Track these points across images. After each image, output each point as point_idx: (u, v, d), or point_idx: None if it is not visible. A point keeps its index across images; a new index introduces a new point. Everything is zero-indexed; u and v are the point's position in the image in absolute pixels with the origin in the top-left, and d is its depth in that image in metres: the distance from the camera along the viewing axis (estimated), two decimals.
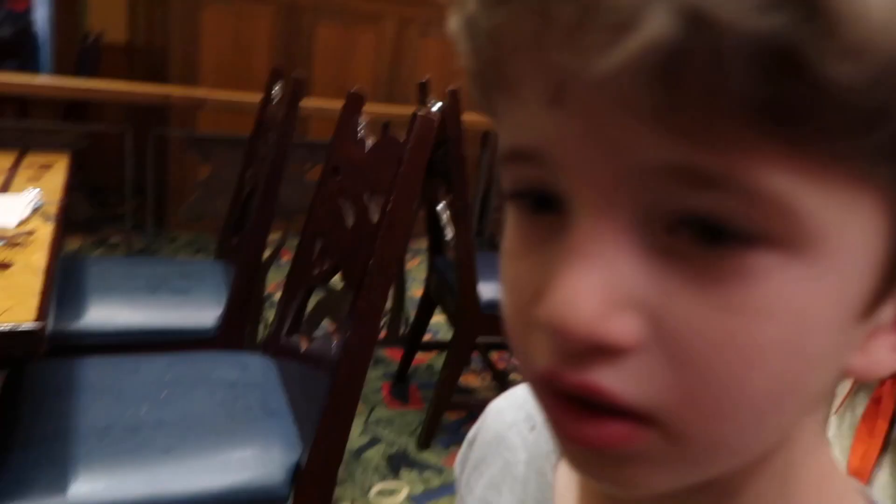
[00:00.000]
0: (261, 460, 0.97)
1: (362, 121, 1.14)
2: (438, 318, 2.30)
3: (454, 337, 1.90)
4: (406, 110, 2.25)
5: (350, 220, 1.06)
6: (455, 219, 1.78)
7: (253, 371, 1.21)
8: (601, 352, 0.21)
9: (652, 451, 0.22)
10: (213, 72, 3.37)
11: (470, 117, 2.54)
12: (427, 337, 2.38)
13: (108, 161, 2.63)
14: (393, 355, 2.38)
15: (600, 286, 0.20)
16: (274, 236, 2.04)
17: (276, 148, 1.48)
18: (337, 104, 1.80)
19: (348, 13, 3.55)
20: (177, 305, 1.48)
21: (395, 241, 0.88)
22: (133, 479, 0.89)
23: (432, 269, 2.13)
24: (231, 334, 1.47)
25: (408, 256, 2.91)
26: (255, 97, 1.84)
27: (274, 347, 1.32)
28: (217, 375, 1.17)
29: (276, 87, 1.66)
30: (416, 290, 2.60)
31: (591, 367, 0.21)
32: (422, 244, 2.65)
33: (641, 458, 0.22)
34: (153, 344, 1.37)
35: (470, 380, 2.37)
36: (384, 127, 1.23)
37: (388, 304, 2.45)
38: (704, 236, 0.20)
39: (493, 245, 3.02)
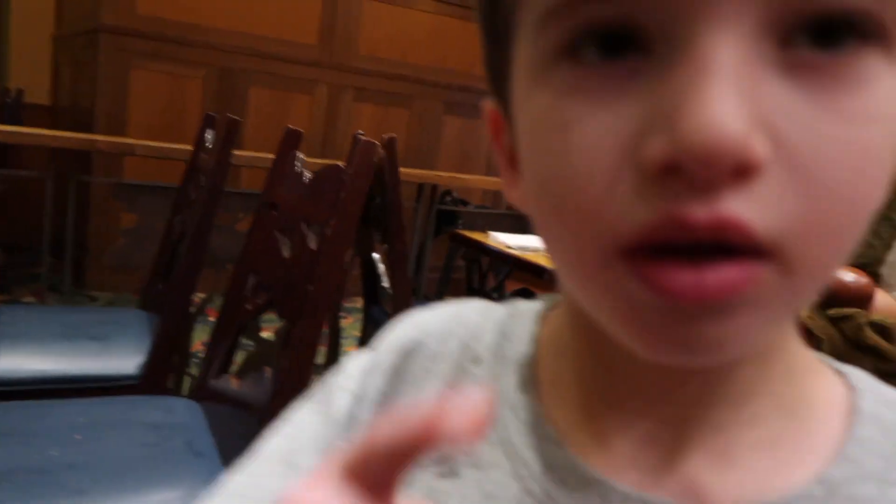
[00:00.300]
0: (186, 502, 0.90)
1: (300, 155, 1.15)
2: None
3: None
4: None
5: (287, 253, 1.05)
6: (391, 267, 1.78)
7: (179, 413, 1.14)
8: (737, 177, 0.20)
9: (766, 290, 0.22)
10: (143, 131, 3.32)
11: (405, 170, 2.59)
12: None
13: (26, 214, 2.51)
14: None
15: (741, 103, 0.20)
16: (202, 295, 1.97)
17: (207, 193, 1.46)
18: (270, 155, 1.81)
19: (281, 77, 3.60)
20: (96, 352, 1.40)
21: (335, 264, 0.88)
22: None
23: (368, 320, 2.10)
24: (154, 381, 1.39)
25: (341, 314, 2.86)
26: (186, 146, 1.83)
27: (202, 391, 1.26)
28: (139, 418, 1.10)
29: (209, 134, 1.65)
30: (349, 348, 2.55)
31: (724, 196, 0.20)
32: (356, 303, 2.62)
33: (753, 302, 0.22)
34: (70, 392, 1.28)
35: None
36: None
37: (322, 360, 2.38)
38: (822, 41, 0.20)
39: (427, 301, 3.03)
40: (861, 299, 0.88)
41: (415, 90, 3.95)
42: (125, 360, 1.39)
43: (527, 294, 2.63)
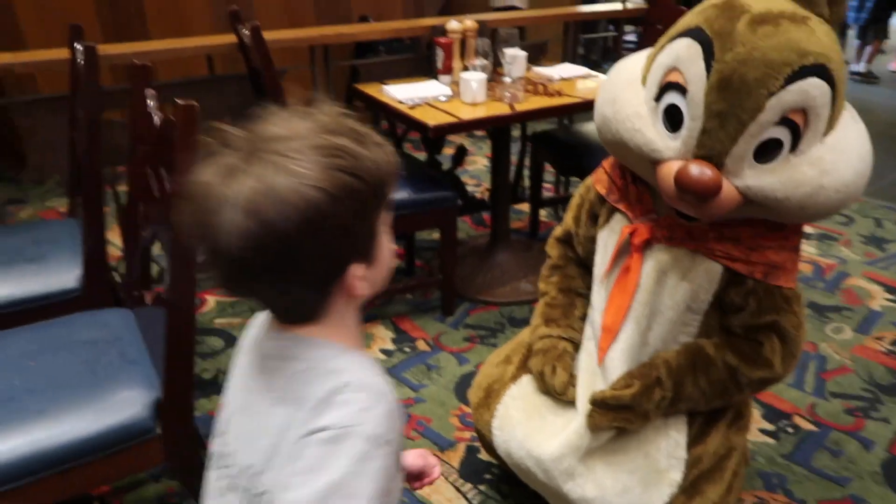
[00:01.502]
0: (125, 403, 1.17)
1: (150, 94, 1.25)
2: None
3: None
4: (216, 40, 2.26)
5: (156, 191, 1.21)
6: None
7: (113, 327, 1.38)
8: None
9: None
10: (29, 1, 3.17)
11: (284, 34, 2.56)
12: None
13: None
14: None
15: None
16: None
17: (86, 101, 1.53)
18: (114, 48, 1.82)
19: None
20: (37, 273, 1.60)
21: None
22: (14, 441, 1.09)
23: None
24: (95, 291, 1.61)
25: None
26: (62, 53, 1.86)
27: (130, 300, 1.49)
28: (80, 336, 1.34)
29: (78, 45, 1.69)
30: None
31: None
32: None
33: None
34: (20, 313, 1.51)
35: None
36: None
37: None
38: None
39: None
40: (710, 189, 1.01)
41: None
42: (65, 276, 1.59)
43: (462, 152, 2.70)
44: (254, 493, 0.69)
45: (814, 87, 0.99)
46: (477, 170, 3.62)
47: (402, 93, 2.18)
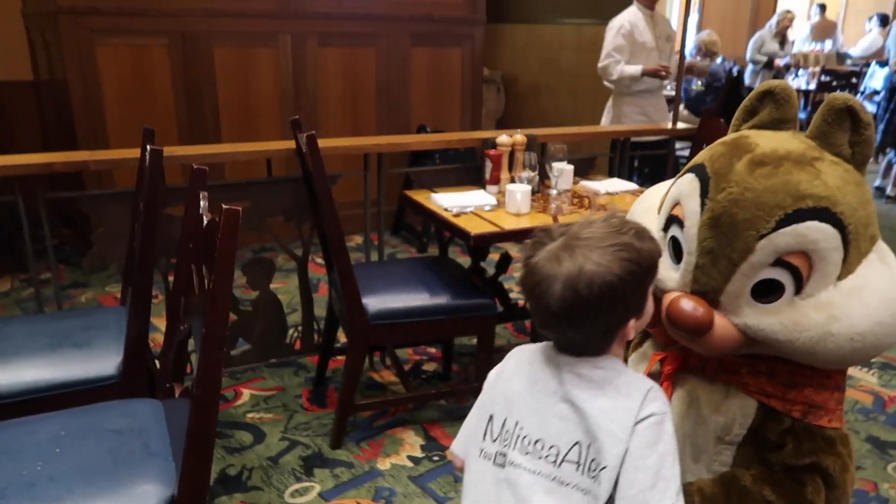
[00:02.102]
0: (139, 498, 1.16)
1: (203, 195, 1.32)
2: None
3: (348, 347, 2.11)
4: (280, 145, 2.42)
5: (196, 286, 1.25)
6: (331, 245, 1.97)
7: (142, 417, 1.40)
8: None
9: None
10: (117, 104, 3.47)
11: (341, 143, 2.72)
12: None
13: None
14: (315, 361, 2.59)
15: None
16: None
17: (147, 198, 1.63)
18: (183, 149, 1.96)
19: (243, 34, 3.66)
20: (79, 358, 1.65)
21: (219, 311, 1.08)
22: None
23: (330, 284, 2.33)
24: (133, 379, 1.65)
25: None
26: (134, 153, 2.02)
27: (162, 391, 1.51)
28: (107, 425, 1.36)
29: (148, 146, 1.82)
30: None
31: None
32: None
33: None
34: (59, 397, 1.55)
35: (385, 375, 2.59)
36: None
37: (299, 317, 2.65)
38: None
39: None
40: (700, 326, 1.00)
41: (379, 28, 3.97)
42: (106, 362, 1.64)
43: (506, 259, 2.73)
44: (584, 468, 0.92)
45: (813, 231, 0.95)
46: None
47: (448, 201, 2.24)
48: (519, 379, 1.02)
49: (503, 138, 2.48)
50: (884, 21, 8.77)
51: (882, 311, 0.98)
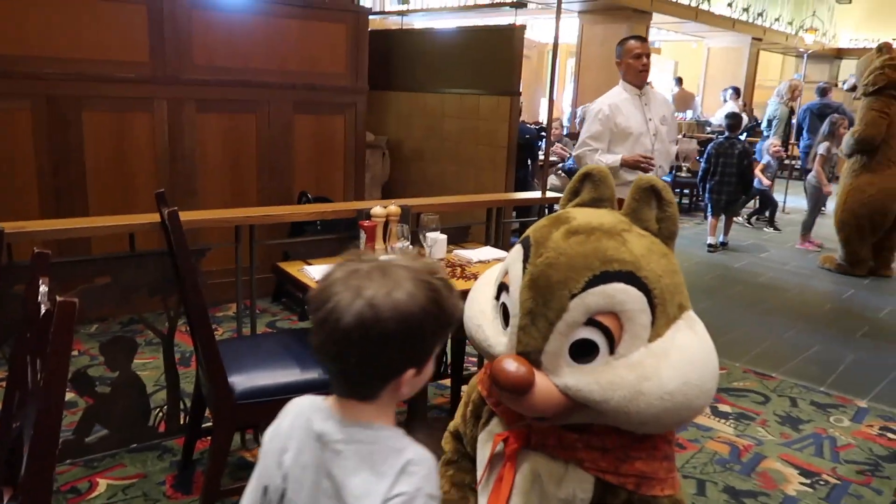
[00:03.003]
0: None
1: (44, 282, 1.26)
2: None
3: (213, 427, 2.03)
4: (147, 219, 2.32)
5: (29, 381, 1.18)
6: (194, 323, 1.91)
7: None
8: None
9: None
10: None
11: (213, 214, 2.67)
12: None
13: None
14: (181, 443, 2.45)
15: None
16: None
17: None
18: (40, 224, 1.86)
19: (115, 98, 3.56)
20: None
21: (49, 412, 1.02)
22: None
23: (197, 361, 2.24)
24: None
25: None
26: None
27: None
28: None
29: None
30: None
31: None
32: None
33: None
34: None
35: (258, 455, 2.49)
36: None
37: (164, 397, 2.52)
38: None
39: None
40: (521, 385, 1.04)
41: (260, 95, 3.97)
42: None
43: None
44: None
45: (619, 292, 1.05)
46: None
47: (321, 273, 2.23)
48: (291, 443, 0.96)
49: (377, 209, 2.53)
50: (737, 93, 9.84)
51: (689, 371, 1.07)
